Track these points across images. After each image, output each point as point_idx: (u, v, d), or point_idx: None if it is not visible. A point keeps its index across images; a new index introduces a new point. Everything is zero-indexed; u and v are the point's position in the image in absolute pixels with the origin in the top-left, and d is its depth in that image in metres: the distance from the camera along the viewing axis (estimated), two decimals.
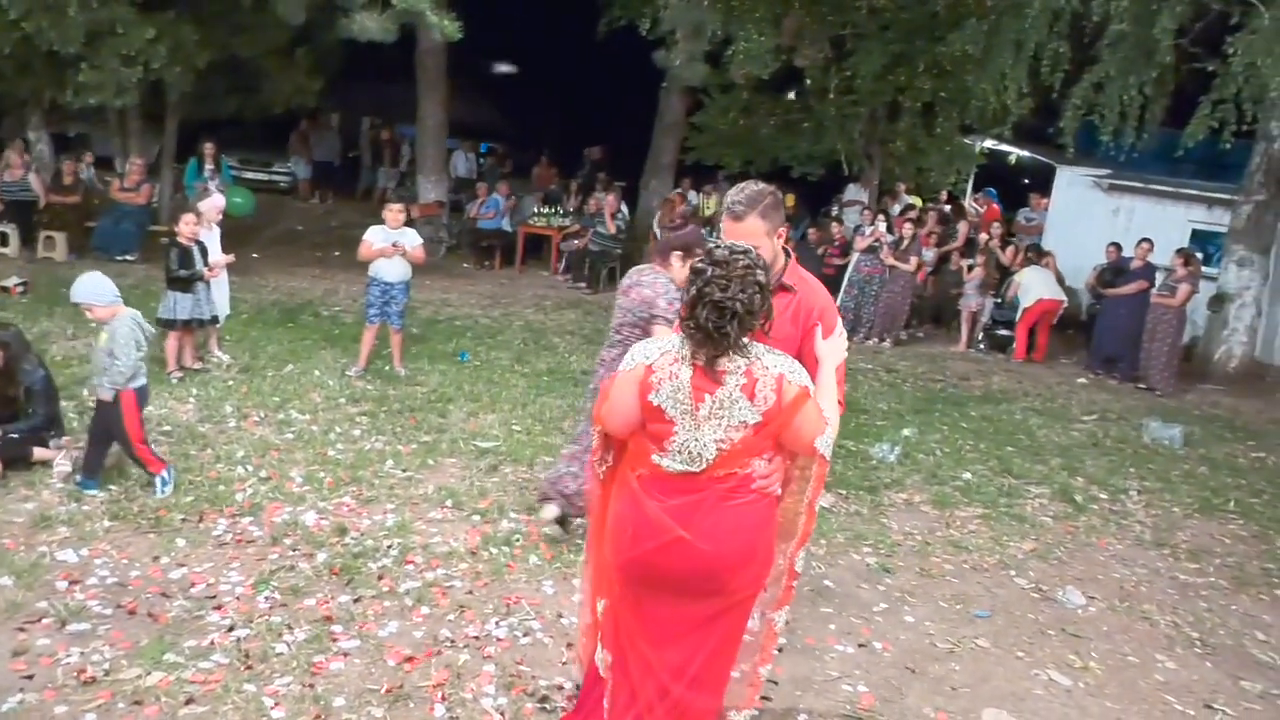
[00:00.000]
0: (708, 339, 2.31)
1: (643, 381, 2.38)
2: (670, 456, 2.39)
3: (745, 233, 2.66)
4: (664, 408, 2.36)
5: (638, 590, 2.52)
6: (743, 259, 2.34)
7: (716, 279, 2.30)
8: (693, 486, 2.39)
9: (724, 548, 2.40)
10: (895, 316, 10.66)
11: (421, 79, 13.88)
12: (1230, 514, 5.93)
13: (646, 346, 2.48)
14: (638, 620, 2.53)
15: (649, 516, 2.42)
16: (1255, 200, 10.04)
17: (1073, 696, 3.61)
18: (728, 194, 2.79)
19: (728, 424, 2.34)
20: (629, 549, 2.47)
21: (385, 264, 6.80)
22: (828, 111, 13.42)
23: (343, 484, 4.92)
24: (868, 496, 5.53)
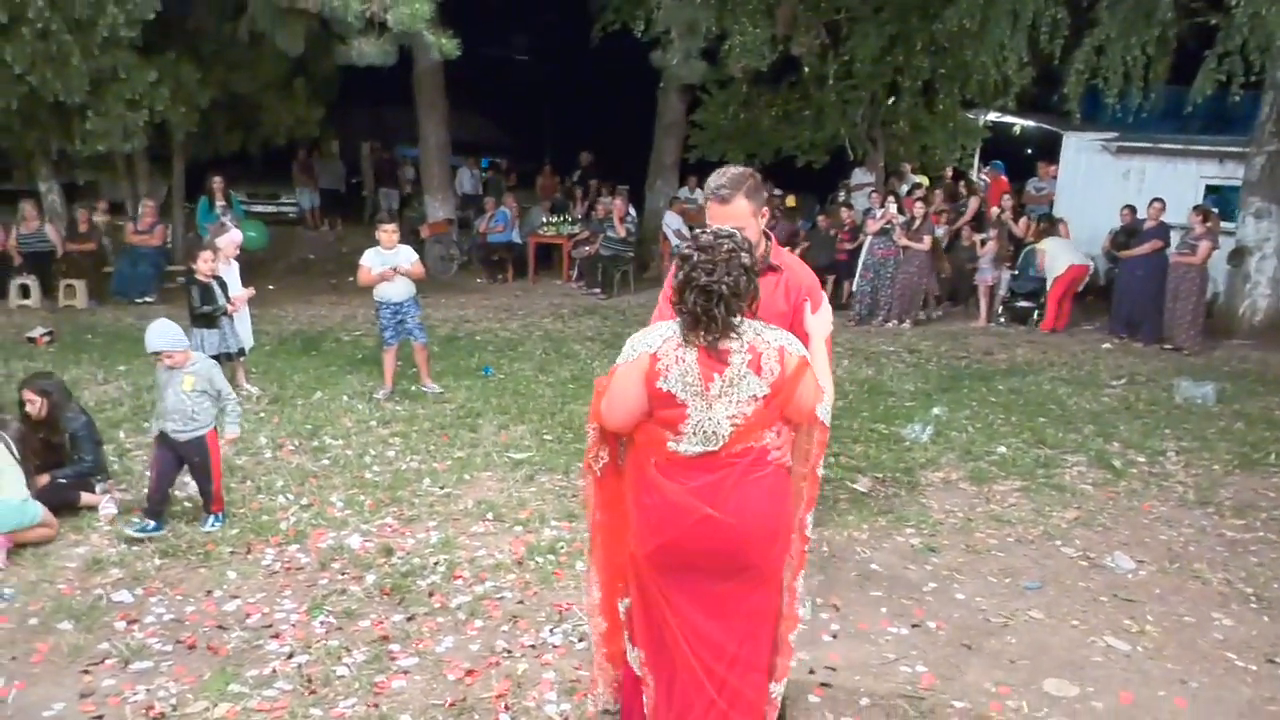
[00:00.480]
0: (697, 322, 2.37)
1: (649, 370, 2.41)
2: (686, 440, 2.43)
3: (732, 215, 2.74)
4: (674, 392, 2.40)
5: (668, 578, 2.53)
6: (726, 243, 2.40)
7: (702, 264, 2.36)
8: (713, 465, 2.43)
9: (751, 521, 2.45)
10: (913, 297, 10.63)
11: (420, 99, 13.97)
12: (1271, 467, 5.88)
13: (645, 336, 2.49)
14: (671, 609, 2.54)
15: (674, 500, 2.45)
16: (1268, 151, 9.95)
17: (1132, 661, 3.60)
18: (709, 180, 2.85)
19: (739, 399, 2.40)
20: (656, 535, 2.49)
21: (388, 285, 6.81)
22: (828, 98, 13.40)
23: (383, 505, 4.96)
24: (904, 478, 5.52)
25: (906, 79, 12.90)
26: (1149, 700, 3.33)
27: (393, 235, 6.84)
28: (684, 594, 2.52)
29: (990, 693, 3.34)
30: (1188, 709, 3.29)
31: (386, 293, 6.81)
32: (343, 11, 8.76)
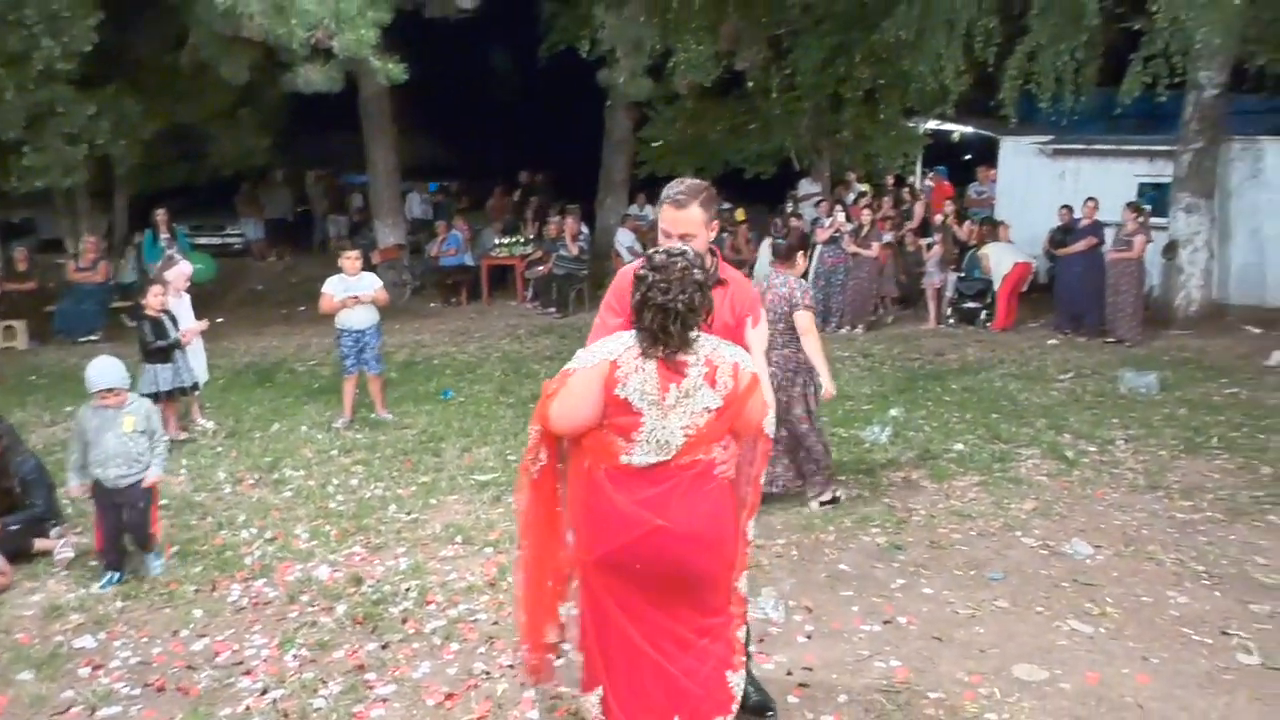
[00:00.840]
0: (655, 340, 2.44)
1: (608, 376, 2.46)
2: (639, 448, 2.48)
3: (685, 221, 2.80)
4: (631, 400, 2.45)
5: (616, 581, 2.56)
6: (680, 260, 2.47)
7: (658, 284, 2.42)
8: (662, 477, 2.49)
9: (698, 532, 2.51)
10: (864, 302, 10.82)
11: (367, 125, 13.91)
12: (1215, 450, 6.10)
13: (605, 343, 2.54)
14: (624, 610, 2.57)
15: (622, 510, 2.49)
16: (1194, 148, 10.33)
17: (1096, 642, 3.71)
18: (667, 186, 2.91)
19: (693, 410, 2.47)
20: (604, 542, 2.53)
21: (351, 312, 6.76)
22: (773, 110, 13.62)
23: (349, 534, 4.92)
24: (867, 479, 5.62)
25: (849, 89, 13.16)
26: (1114, 678, 3.44)
27: (356, 262, 6.81)
28: (635, 595, 2.56)
29: (963, 682, 3.43)
30: (1150, 684, 3.40)
31: (349, 320, 6.76)
32: (288, 39, 8.71)
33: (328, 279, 6.84)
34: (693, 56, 12.53)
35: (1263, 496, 5.28)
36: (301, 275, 15.59)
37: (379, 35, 9.38)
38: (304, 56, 9.39)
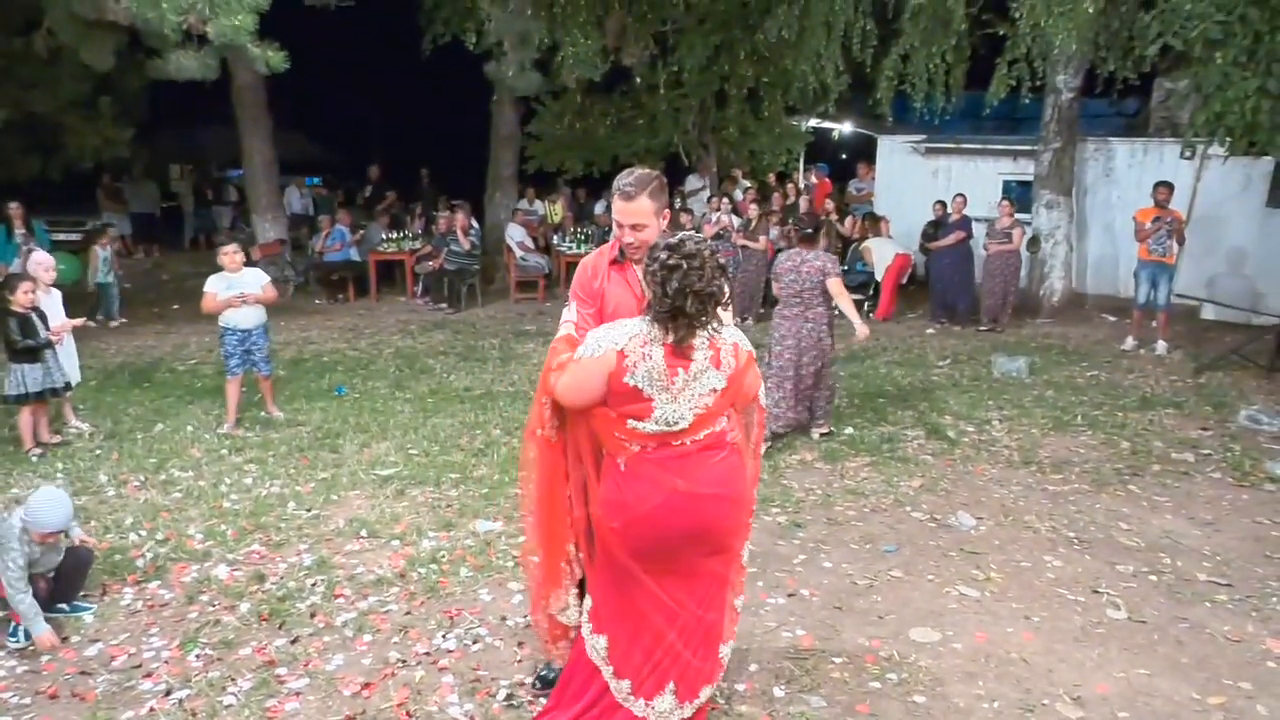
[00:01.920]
0: (690, 323, 2.50)
1: (616, 367, 2.52)
2: (651, 426, 2.56)
3: (636, 211, 2.84)
4: (641, 388, 2.52)
5: (636, 549, 2.63)
6: (707, 248, 2.54)
7: (694, 269, 2.47)
8: (670, 444, 2.58)
9: (720, 490, 2.62)
10: (753, 294, 11.11)
11: (242, 116, 13.36)
12: (1080, 427, 6.57)
13: (610, 332, 2.58)
14: (643, 575, 2.64)
15: (640, 479, 2.58)
16: (1053, 148, 11.04)
17: (983, 604, 3.97)
18: (617, 179, 2.93)
19: (700, 392, 2.55)
20: (625, 511, 2.59)
21: (237, 311, 6.42)
22: (660, 106, 13.83)
23: (247, 533, 4.77)
24: (765, 462, 5.79)
25: (733, 87, 13.50)
26: (1000, 637, 3.69)
27: (237, 257, 6.45)
28: (653, 562, 2.63)
29: (864, 646, 3.62)
30: (1032, 640, 3.67)
31: (234, 319, 6.43)
32: (158, 23, 8.25)
33: (209, 278, 6.48)
34: (580, 51, 12.59)
35: (1123, 469, 5.74)
36: (172, 273, 14.87)
37: (256, 22, 9.03)
38: (175, 43, 8.95)
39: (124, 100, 14.10)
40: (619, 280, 2.95)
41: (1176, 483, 5.50)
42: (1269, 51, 6.85)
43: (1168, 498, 5.26)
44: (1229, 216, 10.28)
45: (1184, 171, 10.27)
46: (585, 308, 2.91)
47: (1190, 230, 9.95)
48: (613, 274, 2.96)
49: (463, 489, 5.37)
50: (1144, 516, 4.99)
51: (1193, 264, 10.50)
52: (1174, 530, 4.80)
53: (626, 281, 2.94)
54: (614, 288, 2.94)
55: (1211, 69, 7.15)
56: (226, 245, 6.55)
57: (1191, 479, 5.56)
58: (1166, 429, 6.53)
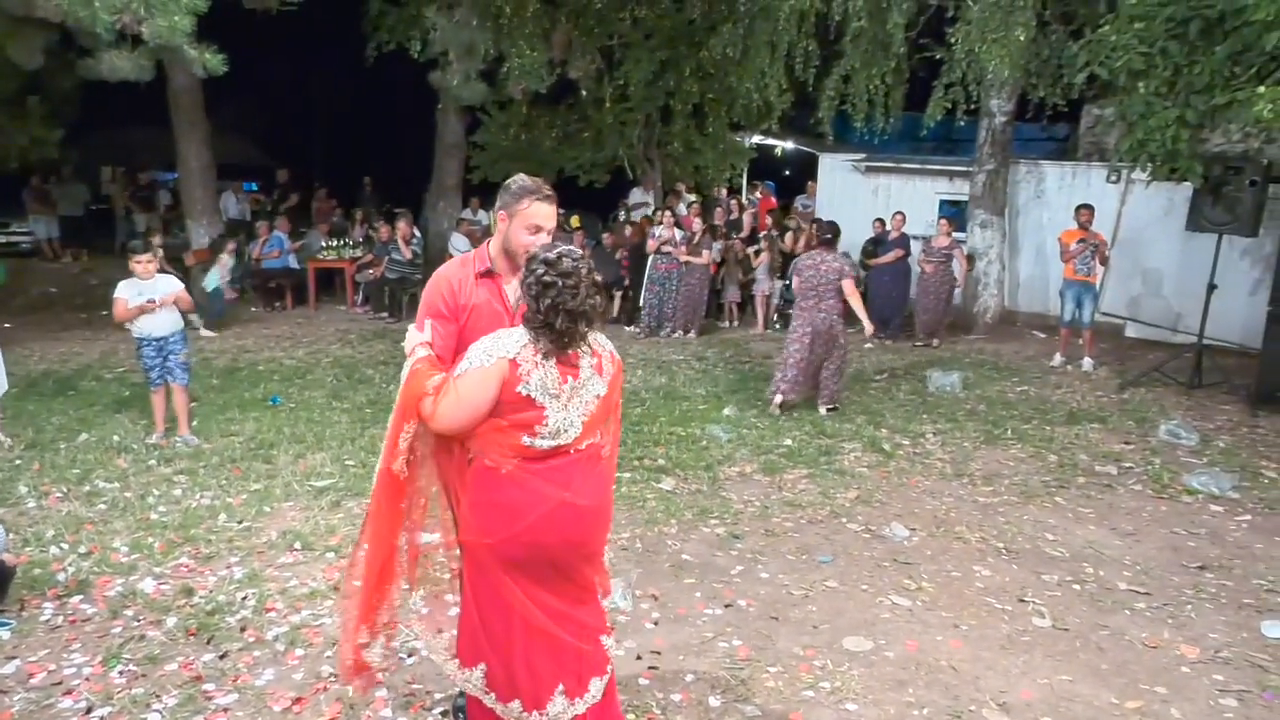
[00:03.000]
0: (560, 340, 2.50)
1: (509, 376, 2.49)
2: (540, 438, 2.53)
3: (552, 214, 2.83)
4: (534, 396, 2.49)
5: (511, 563, 2.58)
6: (583, 265, 2.53)
7: (568, 288, 2.47)
8: (563, 459, 2.57)
9: (598, 504, 2.63)
10: (695, 308, 11.20)
11: (178, 118, 13.09)
12: (1009, 441, 6.76)
13: (498, 342, 2.53)
14: (519, 589, 2.59)
15: (526, 492, 2.53)
16: (987, 170, 11.36)
17: (914, 613, 4.06)
18: (526, 182, 2.85)
19: (586, 399, 2.56)
20: (507, 526, 2.54)
21: (150, 318, 6.13)
22: (605, 120, 13.90)
23: (175, 546, 4.65)
24: (705, 474, 5.85)
25: (678, 102, 13.63)
26: (930, 645, 3.78)
27: (149, 266, 6.15)
28: (529, 571, 2.59)
29: (799, 656, 3.67)
30: (961, 648, 3.76)
31: (147, 327, 6.16)
32: (90, 22, 8.04)
33: (119, 285, 6.17)
34: (526, 63, 12.63)
35: (1050, 481, 5.91)
36: (101, 277, 14.37)
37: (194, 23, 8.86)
38: (109, 43, 8.73)
39: (53, 100, 13.71)
40: (488, 293, 2.84)
41: (1100, 495, 5.68)
42: (1187, 83, 7.16)
43: (1091, 509, 5.43)
44: (1152, 239, 10.68)
45: (1110, 195, 10.65)
46: (446, 325, 2.78)
47: (1115, 252, 10.33)
48: (480, 288, 2.84)
49: None
50: (1069, 527, 5.14)
51: (1118, 284, 10.89)
52: (1097, 541, 4.96)
53: (499, 294, 2.84)
54: (483, 302, 2.83)
55: (1135, 98, 7.45)
56: (140, 253, 6.21)
57: (1114, 491, 5.76)
58: (1091, 443, 6.74)
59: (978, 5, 9.52)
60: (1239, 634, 3.95)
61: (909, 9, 10.16)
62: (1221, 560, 4.74)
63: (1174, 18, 7.09)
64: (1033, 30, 9.22)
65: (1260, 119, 6.52)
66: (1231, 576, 4.54)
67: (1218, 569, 4.63)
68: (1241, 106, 6.71)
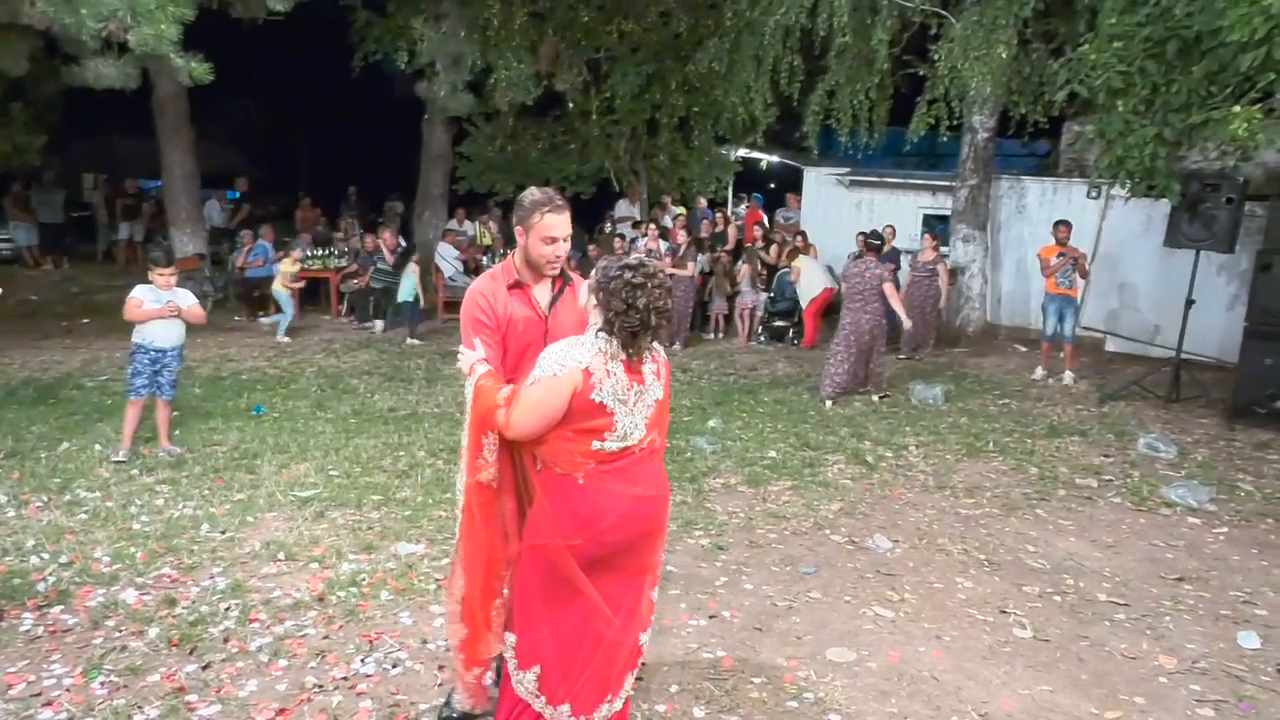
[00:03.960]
0: (636, 343, 2.64)
1: (583, 385, 2.61)
2: (610, 442, 2.68)
3: (567, 223, 2.96)
4: (606, 403, 2.63)
5: (590, 568, 2.71)
6: (660, 269, 2.72)
7: (656, 287, 2.64)
8: (629, 459, 2.73)
9: (663, 491, 2.84)
10: (681, 320, 11.24)
11: (162, 126, 13.03)
12: (991, 453, 6.82)
13: (571, 351, 2.64)
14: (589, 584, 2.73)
15: (603, 493, 2.68)
16: (969, 185, 11.48)
17: (897, 625, 4.09)
18: (536, 195, 2.96)
19: (648, 404, 2.72)
20: (587, 528, 2.67)
21: (159, 328, 6.04)
22: (592, 132, 13.96)
23: (158, 556, 4.62)
24: (690, 485, 5.88)
25: (664, 115, 13.71)
26: (913, 656, 3.81)
27: (170, 280, 6.07)
28: (602, 568, 2.74)
29: (783, 666, 3.69)
30: (943, 659, 3.79)
31: (154, 336, 6.06)
32: (76, 29, 8.02)
33: (136, 287, 6.10)
34: (513, 75, 12.67)
35: (1031, 493, 5.97)
36: (82, 285, 14.32)
37: (181, 31, 8.85)
38: (94, 50, 8.71)
39: (36, 107, 13.62)
40: (520, 303, 2.99)
41: (1080, 507, 5.74)
42: (1165, 102, 7.27)
43: (1072, 521, 5.49)
44: (1131, 254, 10.81)
45: (1090, 211, 10.78)
46: (491, 336, 2.93)
47: (1095, 266, 10.45)
48: (513, 299, 2.99)
49: (385, 511, 5.30)
50: (1050, 539, 5.20)
51: (1097, 298, 11.02)
52: (1077, 552, 5.01)
53: (530, 303, 2.99)
54: (517, 312, 2.98)
55: (1114, 116, 7.56)
56: (163, 265, 6.09)
57: (1094, 504, 5.82)
58: (1072, 456, 6.81)
59: (960, 23, 9.64)
60: (1216, 644, 4.01)
61: (893, 26, 10.27)
62: (1199, 572, 4.80)
63: (1152, 38, 7.21)
64: (1014, 48, 9.33)
65: (1236, 137, 6.64)
66: (1209, 588, 4.61)
67: (1195, 580, 4.69)
68: (1217, 125, 6.82)
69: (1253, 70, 6.30)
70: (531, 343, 2.96)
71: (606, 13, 13.31)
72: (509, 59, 12.51)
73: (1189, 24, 6.90)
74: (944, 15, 10.16)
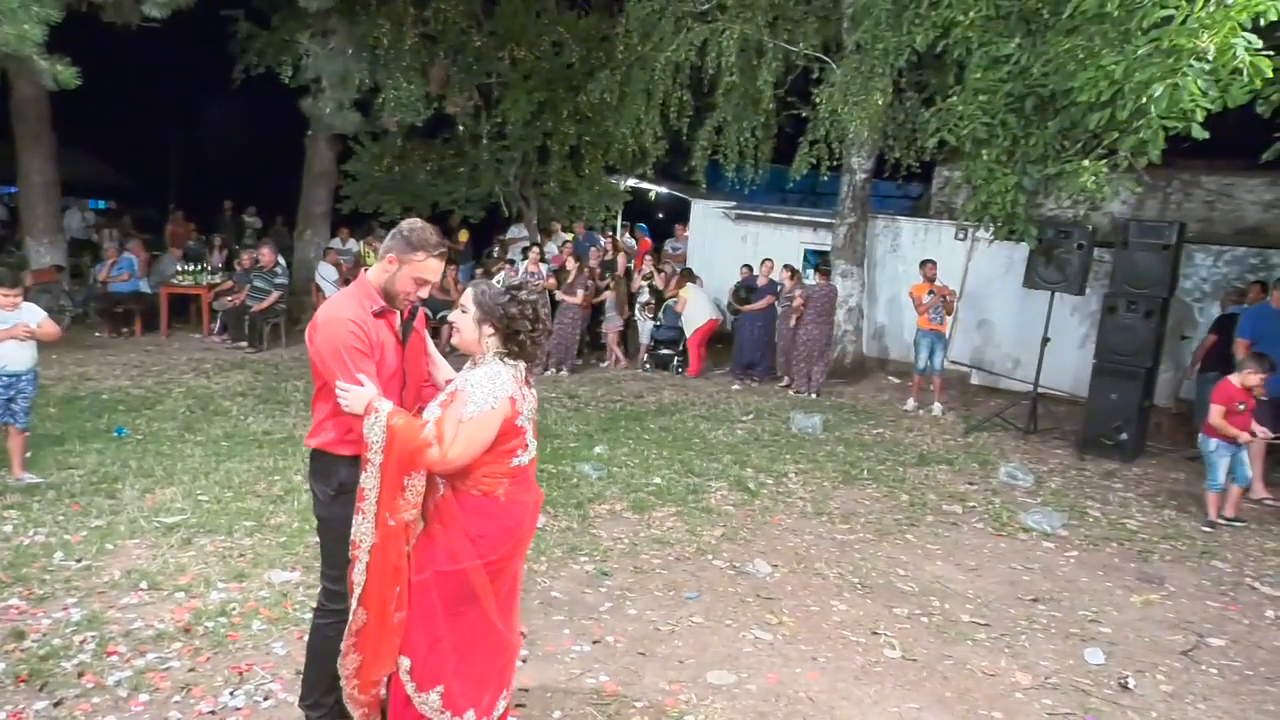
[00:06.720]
0: (532, 359, 2.82)
1: (511, 411, 2.70)
2: (523, 456, 2.80)
3: (440, 270, 2.93)
4: (524, 424, 2.76)
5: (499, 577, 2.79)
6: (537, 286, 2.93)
7: (541, 308, 2.79)
8: (532, 464, 2.88)
9: (541, 494, 3.00)
10: (568, 346, 11.27)
11: (21, 131, 12.28)
12: (865, 481, 7.10)
13: (494, 382, 2.68)
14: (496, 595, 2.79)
15: (522, 504, 2.81)
16: (848, 222, 11.97)
17: (775, 647, 4.20)
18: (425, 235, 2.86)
19: (534, 412, 2.86)
20: (509, 539, 2.77)
21: (9, 350, 5.59)
22: (482, 156, 13.91)
23: (4, 586, 4.31)
24: (575, 512, 5.89)
25: (555, 143, 13.79)
26: (790, 677, 3.92)
27: (15, 299, 5.61)
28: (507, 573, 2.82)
29: (665, 690, 3.73)
30: (819, 680, 3.91)
31: (3, 359, 5.60)
32: None
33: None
34: (402, 96, 12.55)
35: (903, 519, 6.24)
36: None
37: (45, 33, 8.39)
38: None
39: None
40: (387, 330, 2.88)
41: (947, 532, 6.04)
42: (1024, 153, 7.82)
43: (939, 546, 5.77)
44: (994, 294, 11.50)
45: (959, 251, 11.42)
46: (370, 364, 2.79)
47: (962, 304, 11.06)
48: (380, 323, 2.87)
49: (258, 537, 5.10)
50: (919, 563, 5.44)
51: (964, 334, 11.65)
52: (943, 575, 5.27)
53: (394, 329, 2.91)
54: (386, 339, 2.88)
55: (978, 164, 8.06)
56: (8, 285, 5.61)
57: (959, 529, 6.13)
58: (940, 483, 7.16)
59: (840, 69, 10.11)
60: (1066, 661, 4.28)
61: (777, 68, 10.68)
62: (1052, 593, 5.12)
63: (1012, 93, 7.74)
64: (889, 96, 9.84)
65: (1086, 189, 7.19)
66: (1060, 608, 4.91)
67: (1048, 601, 5.00)
68: (1070, 177, 7.37)
69: (1099, 128, 6.85)
70: (395, 372, 2.88)
71: (499, 39, 13.34)
72: (398, 79, 12.37)
73: (1045, 83, 7.44)
74: (825, 60, 10.64)
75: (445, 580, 2.72)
